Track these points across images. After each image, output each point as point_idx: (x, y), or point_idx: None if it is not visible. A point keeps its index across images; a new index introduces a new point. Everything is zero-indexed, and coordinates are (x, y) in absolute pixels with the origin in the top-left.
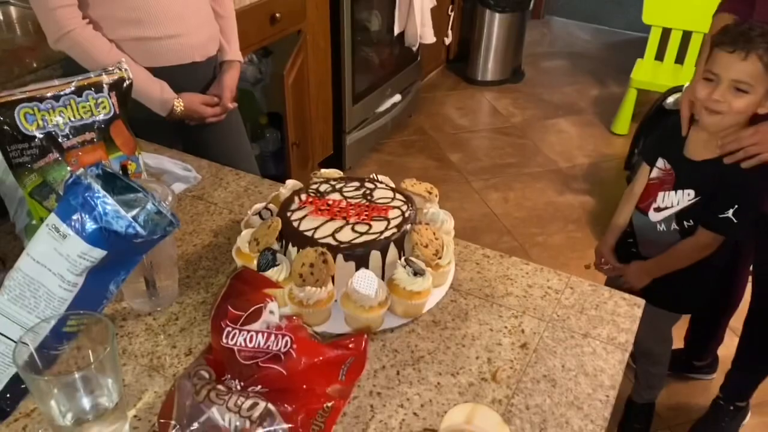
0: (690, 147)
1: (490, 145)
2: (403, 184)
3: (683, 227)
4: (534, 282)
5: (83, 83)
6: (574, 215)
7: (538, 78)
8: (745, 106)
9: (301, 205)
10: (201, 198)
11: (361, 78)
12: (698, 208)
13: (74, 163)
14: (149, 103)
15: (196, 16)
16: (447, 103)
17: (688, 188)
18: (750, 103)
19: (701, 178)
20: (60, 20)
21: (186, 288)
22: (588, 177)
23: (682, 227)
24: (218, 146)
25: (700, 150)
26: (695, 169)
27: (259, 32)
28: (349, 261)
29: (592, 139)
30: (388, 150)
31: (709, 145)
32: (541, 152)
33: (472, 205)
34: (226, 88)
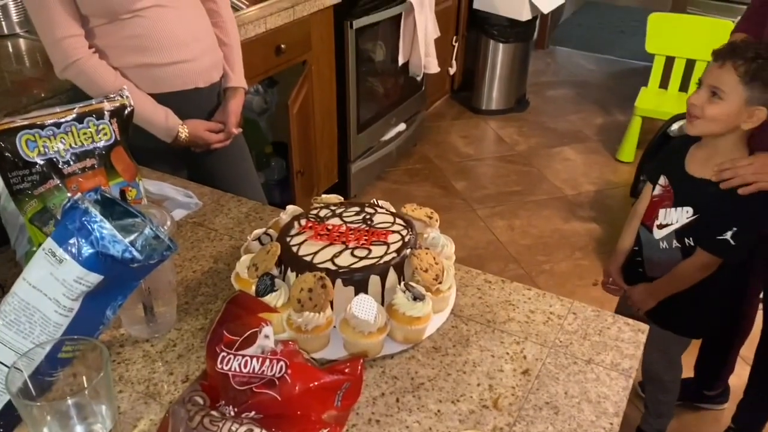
0: (689, 163)
1: (495, 173)
2: (404, 209)
3: (684, 245)
4: (536, 307)
5: (84, 110)
6: (580, 243)
7: (542, 107)
8: (718, 113)
9: (300, 230)
10: (201, 224)
11: (365, 107)
12: (697, 226)
13: (74, 189)
14: (154, 130)
15: (200, 43)
16: (452, 132)
17: (687, 205)
18: (724, 112)
19: (699, 196)
20: (66, 50)
21: (185, 314)
22: (594, 204)
23: (683, 245)
24: (224, 173)
25: (699, 167)
26: (694, 187)
27: (265, 63)
28: (348, 286)
29: (598, 167)
30: (393, 178)
31: (709, 163)
32: (546, 180)
33: (477, 232)
34: (231, 114)
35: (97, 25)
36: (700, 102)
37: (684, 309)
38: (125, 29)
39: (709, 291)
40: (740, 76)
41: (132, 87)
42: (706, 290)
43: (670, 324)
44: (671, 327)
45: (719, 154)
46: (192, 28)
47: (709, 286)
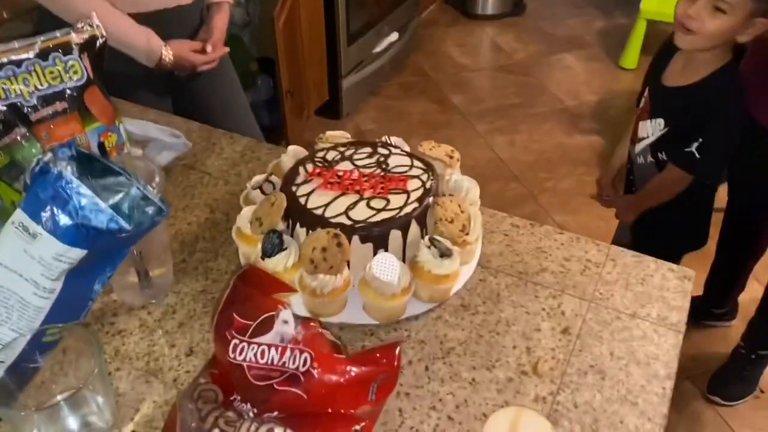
0: (667, 73)
1: (494, 84)
2: (421, 148)
3: (658, 159)
4: (571, 254)
5: (48, 44)
6: (583, 157)
7: (540, 10)
8: (720, 28)
9: (307, 178)
10: (193, 167)
11: (355, 16)
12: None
13: (45, 137)
14: (135, 53)
15: None
16: (447, 40)
17: (659, 117)
18: (726, 27)
19: (670, 106)
20: None
21: (182, 275)
22: (596, 116)
23: (657, 159)
24: (211, 98)
25: (675, 76)
26: (666, 97)
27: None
28: (367, 243)
29: (600, 75)
30: (387, 93)
31: (685, 71)
32: (546, 91)
33: (477, 150)
34: (216, 31)
35: None
36: (699, 14)
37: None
38: None
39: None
40: None
41: (108, 7)
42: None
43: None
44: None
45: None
46: None
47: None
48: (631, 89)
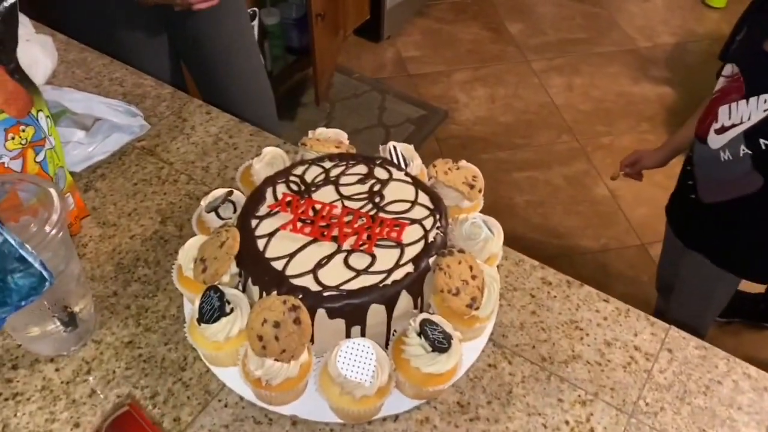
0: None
1: (558, 13)
2: (434, 169)
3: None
4: (615, 336)
5: None
6: (649, 111)
7: None
8: None
9: (273, 209)
10: (153, 152)
11: None
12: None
13: None
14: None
15: None
16: None
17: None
18: None
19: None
20: None
21: (109, 314)
22: (671, 62)
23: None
24: (213, 37)
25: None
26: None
27: None
28: (336, 318)
29: (681, 12)
30: (436, 14)
31: None
32: (617, 26)
33: (529, 92)
34: None
35: None
36: None
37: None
38: None
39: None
40: None
41: None
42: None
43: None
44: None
45: None
46: None
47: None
48: (716, 33)
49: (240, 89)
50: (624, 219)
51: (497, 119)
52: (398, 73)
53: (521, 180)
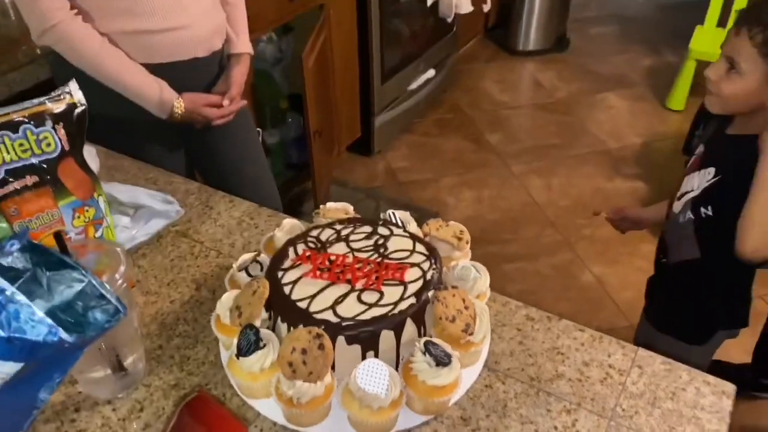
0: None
1: (533, 123)
2: (427, 227)
3: (699, 216)
4: (592, 357)
5: (20, 116)
6: (624, 204)
7: (584, 47)
8: (736, 91)
9: (296, 262)
10: (185, 234)
11: (390, 53)
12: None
13: (14, 213)
14: (146, 104)
15: (200, 5)
16: (485, 76)
17: (710, 166)
18: (741, 89)
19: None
20: (45, 11)
21: (156, 363)
22: (640, 159)
23: (697, 216)
24: (227, 150)
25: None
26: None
27: (277, 9)
28: (353, 344)
29: (645, 116)
30: (421, 130)
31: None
32: (588, 131)
33: (511, 192)
34: (234, 84)
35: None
36: (716, 76)
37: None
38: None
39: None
40: (757, 46)
41: (122, 56)
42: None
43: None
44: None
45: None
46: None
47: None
48: (678, 132)
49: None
50: (612, 303)
51: (485, 217)
52: (390, 182)
53: (512, 271)
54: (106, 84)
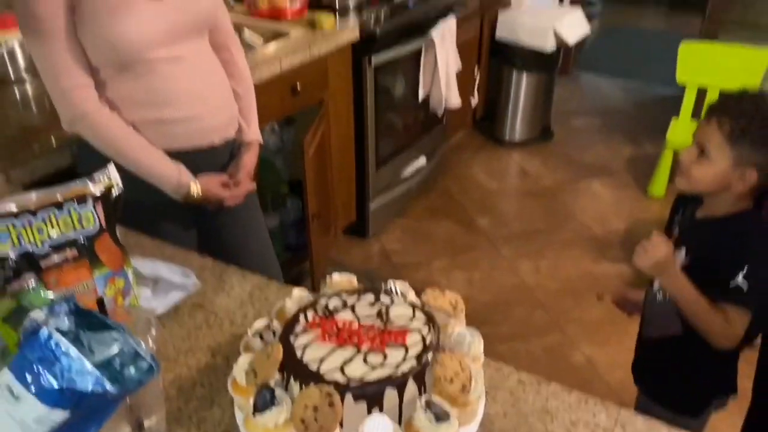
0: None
1: (520, 208)
2: (425, 296)
3: None
4: (578, 417)
5: (67, 195)
6: (611, 286)
7: (568, 137)
8: (704, 174)
9: (306, 328)
10: (201, 306)
11: (384, 142)
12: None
13: (53, 283)
14: (165, 186)
15: (217, 98)
16: (474, 164)
17: (682, 247)
18: (710, 173)
19: (696, 236)
20: (75, 102)
21: (175, 424)
22: (625, 244)
23: None
24: (235, 231)
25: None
26: (694, 227)
27: (281, 103)
28: (360, 401)
29: (628, 203)
30: (414, 215)
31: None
32: (573, 217)
33: (502, 274)
34: (244, 168)
35: (108, 76)
36: (687, 160)
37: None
38: (138, 81)
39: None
40: (725, 135)
41: (144, 143)
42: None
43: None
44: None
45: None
46: (207, 81)
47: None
48: (659, 218)
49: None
50: (603, 383)
51: (476, 299)
52: (384, 264)
53: (504, 351)
54: (128, 168)
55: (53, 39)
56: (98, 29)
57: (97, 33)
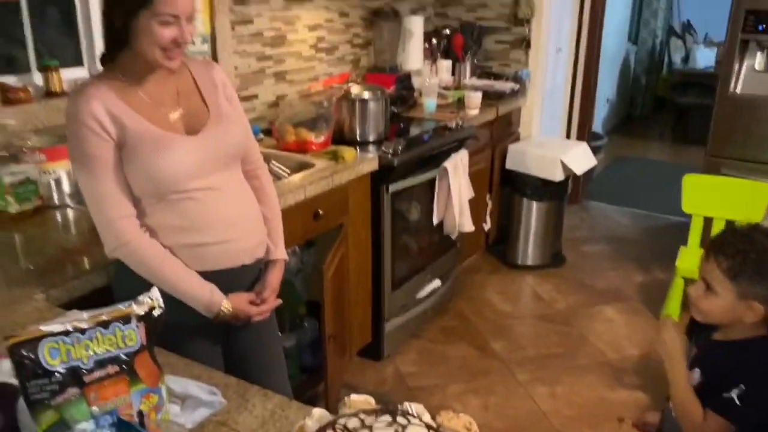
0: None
1: (535, 332)
2: (440, 418)
3: None
4: None
5: (114, 315)
6: (627, 413)
7: (579, 263)
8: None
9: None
10: (225, 423)
11: (400, 265)
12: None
13: (94, 398)
14: (197, 305)
15: (247, 222)
16: (488, 287)
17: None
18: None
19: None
20: (119, 231)
21: None
22: (640, 370)
23: None
24: (257, 351)
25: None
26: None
27: (303, 227)
28: None
29: (641, 328)
30: (429, 336)
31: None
32: (588, 342)
33: (517, 400)
34: (270, 287)
35: (148, 205)
36: (695, 294)
37: None
38: (176, 209)
39: None
40: (724, 272)
41: (180, 265)
42: None
43: None
44: None
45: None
46: (240, 207)
47: None
48: None
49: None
50: None
51: (492, 425)
52: (398, 387)
53: None
54: (163, 288)
55: (102, 173)
56: (141, 165)
57: (140, 168)
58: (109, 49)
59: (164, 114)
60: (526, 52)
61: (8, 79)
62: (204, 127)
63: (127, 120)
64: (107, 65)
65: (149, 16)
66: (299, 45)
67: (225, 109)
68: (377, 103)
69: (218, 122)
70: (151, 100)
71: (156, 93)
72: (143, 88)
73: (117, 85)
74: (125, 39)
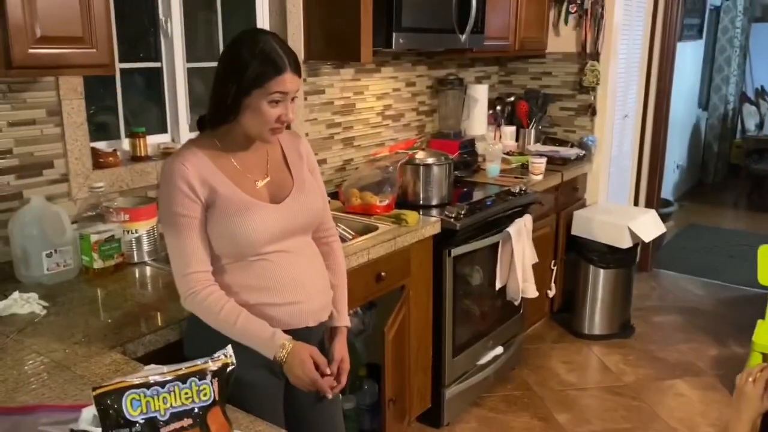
0: None
1: (601, 406)
2: None
3: None
4: None
5: (191, 370)
6: None
7: (649, 334)
8: None
9: None
10: None
11: (461, 330)
12: None
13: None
14: (259, 341)
15: (315, 285)
16: (552, 356)
17: None
18: None
19: None
20: (194, 283)
21: None
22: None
23: None
24: (316, 411)
25: None
26: None
27: (365, 289)
28: None
29: (717, 406)
30: (490, 405)
31: None
32: (658, 418)
33: None
34: (336, 360)
35: (225, 264)
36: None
37: None
38: (250, 270)
39: None
40: None
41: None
42: None
43: None
44: None
45: None
46: (309, 270)
47: None
48: None
49: None
50: None
51: None
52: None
53: None
54: (231, 336)
55: (187, 232)
56: (226, 227)
57: (224, 230)
58: (216, 120)
59: (252, 181)
60: (591, 119)
61: (100, 145)
62: (287, 196)
63: (217, 184)
64: (205, 131)
65: (261, 95)
66: (367, 113)
67: (307, 180)
68: (440, 168)
69: (300, 192)
70: (241, 166)
71: (247, 160)
72: (236, 155)
73: (212, 153)
74: (234, 114)
